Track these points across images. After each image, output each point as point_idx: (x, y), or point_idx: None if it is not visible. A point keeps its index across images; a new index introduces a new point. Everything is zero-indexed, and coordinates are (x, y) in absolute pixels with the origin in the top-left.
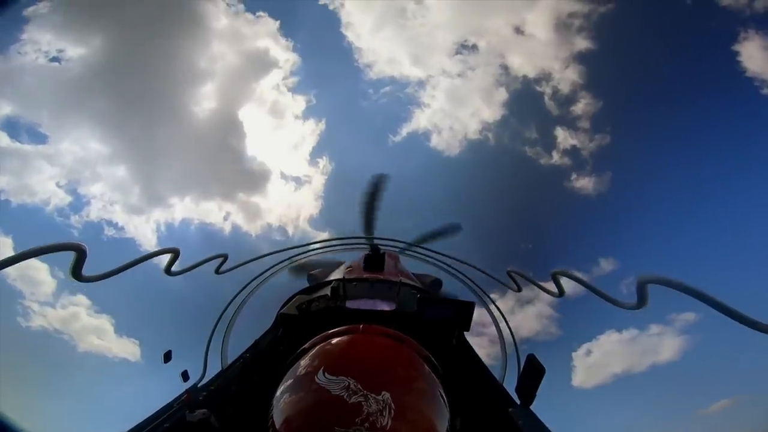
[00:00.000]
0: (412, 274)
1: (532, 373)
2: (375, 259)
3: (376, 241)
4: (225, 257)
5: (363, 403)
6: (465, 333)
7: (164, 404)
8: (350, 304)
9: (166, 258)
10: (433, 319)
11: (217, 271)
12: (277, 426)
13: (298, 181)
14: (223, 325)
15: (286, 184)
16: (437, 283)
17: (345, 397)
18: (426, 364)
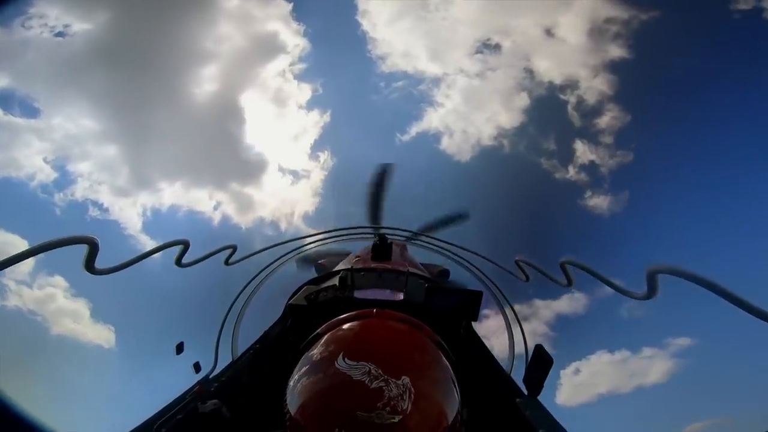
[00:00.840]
0: (420, 263)
1: (540, 364)
2: (382, 248)
3: (383, 231)
4: (234, 248)
5: (384, 387)
6: (473, 323)
7: (177, 396)
8: (358, 294)
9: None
10: (441, 309)
11: (226, 262)
12: (294, 411)
13: (296, 175)
14: (233, 317)
15: (283, 177)
16: (445, 272)
17: (366, 382)
18: (439, 349)
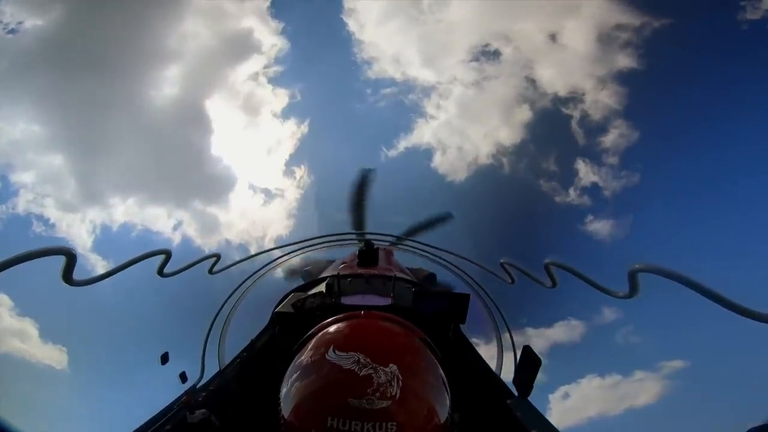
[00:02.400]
0: (407, 268)
1: (528, 365)
2: (369, 254)
3: (367, 236)
4: (218, 257)
5: (373, 374)
6: (461, 326)
7: (164, 406)
8: (345, 300)
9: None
10: (429, 313)
11: (210, 271)
12: (288, 411)
13: (268, 194)
14: (218, 326)
15: (254, 195)
16: (431, 277)
17: (356, 370)
18: (424, 344)
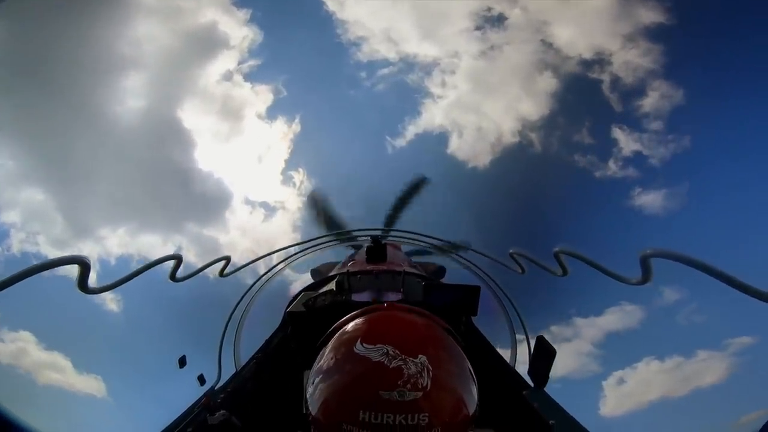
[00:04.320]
0: (416, 262)
1: (543, 355)
2: (377, 250)
3: (372, 234)
4: (228, 259)
5: (403, 366)
6: (473, 318)
7: (184, 409)
8: (356, 297)
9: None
10: (440, 306)
11: (221, 274)
12: (318, 406)
13: (267, 207)
14: (232, 327)
15: (252, 211)
16: (441, 270)
17: (385, 362)
18: (447, 333)
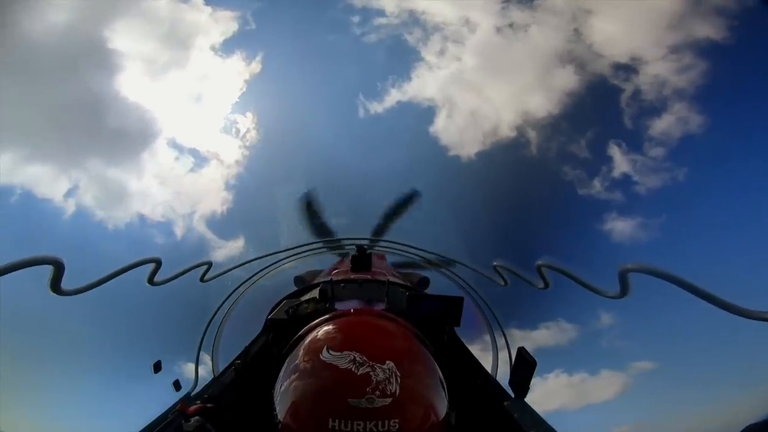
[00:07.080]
0: (400, 272)
1: (523, 365)
2: (362, 259)
3: (358, 242)
4: (209, 264)
5: (371, 372)
6: (455, 329)
7: (158, 415)
8: (339, 306)
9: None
10: (423, 316)
11: (202, 279)
12: (285, 415)
13: (198, 156)
14: (211, 333)
15: (179, 158)
16: (425, 281)
17: (353, 369)
18: (416, 338)
